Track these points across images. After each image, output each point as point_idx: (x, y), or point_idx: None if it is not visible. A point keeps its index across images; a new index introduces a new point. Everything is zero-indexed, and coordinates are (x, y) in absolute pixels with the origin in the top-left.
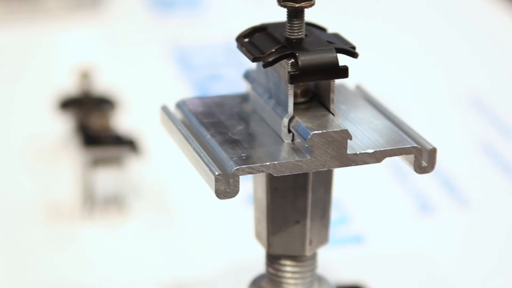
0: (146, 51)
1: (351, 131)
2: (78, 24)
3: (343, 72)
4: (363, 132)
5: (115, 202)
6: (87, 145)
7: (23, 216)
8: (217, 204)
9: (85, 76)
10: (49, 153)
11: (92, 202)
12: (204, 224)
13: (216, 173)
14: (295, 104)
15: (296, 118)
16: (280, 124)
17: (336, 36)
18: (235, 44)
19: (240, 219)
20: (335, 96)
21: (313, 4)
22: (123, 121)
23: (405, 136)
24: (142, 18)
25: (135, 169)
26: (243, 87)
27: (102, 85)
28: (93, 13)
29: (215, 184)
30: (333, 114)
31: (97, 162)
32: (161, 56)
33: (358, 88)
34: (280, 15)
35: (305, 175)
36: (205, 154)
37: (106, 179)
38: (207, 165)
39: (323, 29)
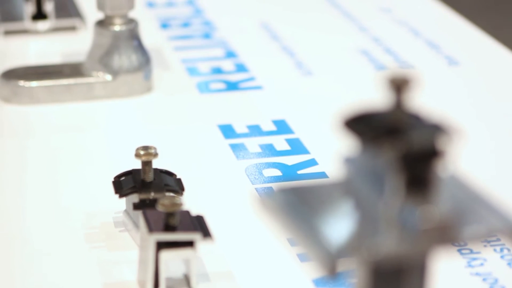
0: (197, 131)
1: (458, 213)
2: (130, 107)
3: (450, 154)
4: (469, 212)
5: (183, 286)
6: (155, 227)
7: None
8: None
9: (148, 156)
10: (115, 235)
11: (159, 286)
12: None
13: (321, 258)
14: (398, 189)
15: (401, 203)
16: (383, 210)
17: (435, 120)
18: (287, 121)
19: None
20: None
21: (414, 86)
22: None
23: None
24: (193, 98)
25: (203, 251)
26: (297, 162)
27: (160, 165)
28: (144, 96)
29: (317, 267)
30: (437, 198)
31: (165, 244)
32: (212, 136)
33: (452, 171)
34: (332, 85)
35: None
36: (308, 237)
37: (174, 261)
38: (309, 249)
39: (423, 115)
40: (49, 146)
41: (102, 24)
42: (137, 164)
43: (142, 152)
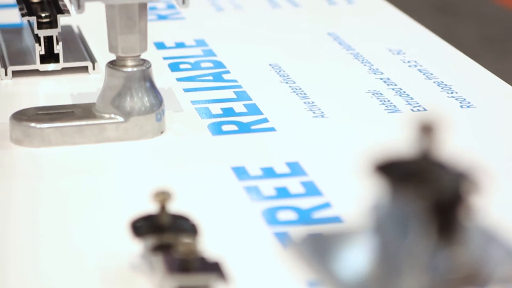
0: (210, 173)
1: (485, 259)
2: (142, 149)
3: (478, 201)
4: (495, 257)
5: None
6: (172, 271)
7: None
8: None
9: (165, 200)
10: (131, 278)
11: None
12: None
13: None
14: (427, 235)
15: (430, 250)
16: (411, 256)
17: (463, 166)
18: (301, 163)
19: None
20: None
21: (441, 131)
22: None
23: None
24: (205, 140)
25: None
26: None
27: (173, 208)
28: (156, 138)
29: None
30: (466, 244)
31: None
32: (226, 178)
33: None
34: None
35: None
36: (334, 280)
37: None
38: None
39: (451, 160)
40: (61, 188)
41: (113, 65)
42: (149, 206)
43: (159, 196)
